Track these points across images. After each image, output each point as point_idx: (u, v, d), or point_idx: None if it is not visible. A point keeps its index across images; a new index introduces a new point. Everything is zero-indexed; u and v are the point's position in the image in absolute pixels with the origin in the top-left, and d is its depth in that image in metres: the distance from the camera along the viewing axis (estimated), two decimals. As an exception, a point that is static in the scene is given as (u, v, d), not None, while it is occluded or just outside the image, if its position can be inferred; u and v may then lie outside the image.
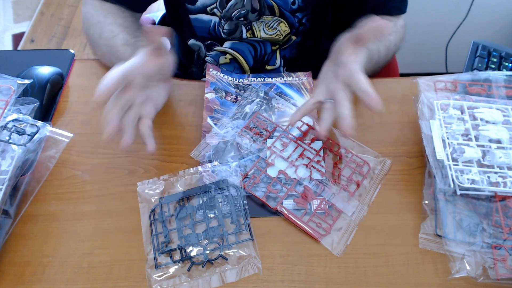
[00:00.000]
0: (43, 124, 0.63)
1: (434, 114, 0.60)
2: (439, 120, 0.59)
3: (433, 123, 0.59)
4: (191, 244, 0.55)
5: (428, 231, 0.56)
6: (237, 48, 0.82)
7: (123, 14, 0.72)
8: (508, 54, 0.80)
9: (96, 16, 0.72)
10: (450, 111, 0.61)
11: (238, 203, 0.58)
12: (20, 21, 2.06)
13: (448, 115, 0.60)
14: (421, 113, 0.61)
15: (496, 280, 0.51)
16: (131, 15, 0.74)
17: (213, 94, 0.70)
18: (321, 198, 0.59)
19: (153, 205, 0.58)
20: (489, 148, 0.58)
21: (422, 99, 0.62)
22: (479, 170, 0.56)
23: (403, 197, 0.60)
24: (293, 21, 0.76)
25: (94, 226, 0.58)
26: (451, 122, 0.60)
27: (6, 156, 0.59)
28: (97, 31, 0.71)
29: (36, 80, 0.68)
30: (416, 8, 1.36)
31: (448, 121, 0.60)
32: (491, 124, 0.60)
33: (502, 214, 0.55)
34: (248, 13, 0.74)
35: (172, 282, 0.52)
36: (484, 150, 0.58)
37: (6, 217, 0.56)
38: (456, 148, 0.57)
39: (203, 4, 0.75)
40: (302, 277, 0.53)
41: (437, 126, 0.59)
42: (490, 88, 0.65)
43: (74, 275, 0.54)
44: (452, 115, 0.60)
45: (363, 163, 0.62)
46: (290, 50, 0.83)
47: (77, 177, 0.63)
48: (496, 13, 1.41)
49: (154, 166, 0.63)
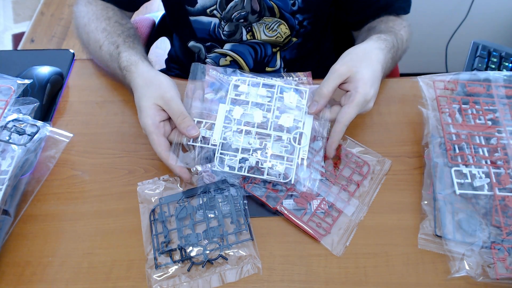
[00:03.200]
0: (43, 124, 0.63)
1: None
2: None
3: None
4: (191, 244, 0.55)
5: (427, 231, 0.56)
6: (237, 50, 0.82)
7: (107, 15, 0.72)
8: (508, 54, 0.80)
9: (82, 18, 0.72)
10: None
11: (238, 203, 0.58)
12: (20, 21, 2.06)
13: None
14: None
15: (496, 280, 0.51)
16: (117, 15, 0.73)
17: (213, 94, 0.69)
18: (321, 198, 0.59)
19: (153, 205, 0.58)
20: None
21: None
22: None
23: (403, 197, 0.60)
24: (293, 22, 0.76)
25: (94, 226, 0.58)
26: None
27: (6, 156, 0.59)
28: (84, 36, 0.72)
29: (36, 80, 0.68)
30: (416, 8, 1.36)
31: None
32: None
33: (501, 214, 0.55)
34: (248, 15, 0.74)
35: (172, 282, 0.52)
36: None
37: (6, 217, 0.56)
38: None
39: (203, 5, 0.74)
40: (302, 277, 0.53)
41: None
42: (489, 88, 0.65)
43: (74, 275, 0.54)
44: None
45: (363, 163, 0.62)
46: (291, 52, 0.83)
47: (77, 177, 0.63)
48: (496, 13, 1.41)
49: (154, 166, 0.63)
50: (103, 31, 0.69)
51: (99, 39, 0.69)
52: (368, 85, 0.58)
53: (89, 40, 0.71)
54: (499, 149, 0.60)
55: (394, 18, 0.74)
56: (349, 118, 0.58)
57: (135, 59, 0.64)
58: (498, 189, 0.56)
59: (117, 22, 0.71)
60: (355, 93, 0.58)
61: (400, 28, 0.72)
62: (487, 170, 0.58)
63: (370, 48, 0.62)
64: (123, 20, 0.73)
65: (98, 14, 0.72)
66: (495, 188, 0.56)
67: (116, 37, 0.69)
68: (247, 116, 0.61)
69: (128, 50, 0.66)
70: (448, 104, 0.64)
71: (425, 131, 0.63)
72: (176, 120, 0.59)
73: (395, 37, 0.68)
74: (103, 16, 0.71)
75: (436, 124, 0.62)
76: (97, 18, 0.71)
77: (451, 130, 0.61)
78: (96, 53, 0.70)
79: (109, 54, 0.67)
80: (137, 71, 0.63)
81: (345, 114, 0.58)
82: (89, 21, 0.71)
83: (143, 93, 0.60)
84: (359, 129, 0.66)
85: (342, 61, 0.60)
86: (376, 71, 0.60)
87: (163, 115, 0.60)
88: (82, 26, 0.72)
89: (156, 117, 0.59)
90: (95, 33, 0.70)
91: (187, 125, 0.58)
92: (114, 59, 0.66)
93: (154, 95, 0.60)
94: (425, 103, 0.64)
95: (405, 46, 0.72)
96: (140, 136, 0.66)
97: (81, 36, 0.73)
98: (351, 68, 0.59)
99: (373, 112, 0.65)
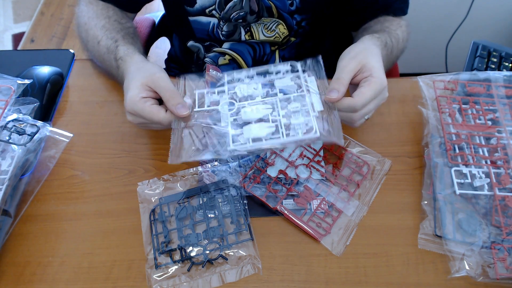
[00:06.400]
0: (43, 124, 0.63)
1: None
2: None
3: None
4: (191, 244, 0.55)
5: (427, 232, 0.56)
6: (236, 49, 0.82)
7: (107, 14, 0.72)
8: (508, 54, 0.80)
9: (82, 17, 0.73)
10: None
11: (238, 203, 0.58)
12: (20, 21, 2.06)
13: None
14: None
15: (496, 280, 0.51)
16: (117, 14, 0.73)
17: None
18: (321, 198, 0.59)
19: (153, 205, 0.58)
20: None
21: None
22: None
23: (403, 197, 0.60)
24: (292, 22, 0.76)
25: (94, 226, 0.58)
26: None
27: (6, 156, 0.59)
28: (84, 34, 0.72)
29: (36, 80, 0.68)
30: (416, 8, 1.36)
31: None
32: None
33: (501, 214, 0.55)
34: (246, 15, 0.74)
35: (172, 282, 0.52)
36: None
37: (6, 217, 0.56)
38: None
39: (202, 6, 0.75)
40: (302, 277, 0.53)
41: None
42: (489, 88, 0.65)
43: (74, 275, 0.54)
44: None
45: (363, 163, 0.62)
46: (290, 51, 0.83)
47: (77, 177, 0.63)
48: (496, 13, 1.41)
49: (154, 166, 0.63)
50: (102, 28, 0.70)
51: (97, 35, 0.69)
52: (382, 72, 0.57)
53: (88, 37, 0.71)
54: (499, 149, 0.60)
55: (391, 19, 0.74)
56: (364, 98, 0.55)
57: (132, 51, 0.64)
58: (498, 189, 0.56)
59: (116, 21, 0.72)
60: (371, 78, 0.56)
61: (396, 28, 0.72)
62: (487, 170, 0.58)
63: (367, 44, 0.62)
64: (123, 19, 0.73)
65: (98, 13, 0.72)
66: (495, 188, 0.56)
67: (115, 33, 0.69)
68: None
69: (126, 44, 0.66)
70: (448, 104, 0.64)
71: (425, 131, 0.63)
72: (165, 96, 0.56)
73: (389, 36, 0.68)
74: (103, 15, 0.72)
75: (436, 124, 0.62)
76: (97, 16, 0.72)
77: (451, 130, 0.61)
78: (94, 49, 0.70)
79: (106, 48, 0.67)
80: (131, 60, 0.63)
81: (361, 94, 0.55)
82: (89, 20, 0.71)
83: (132, 76, 0.59)
84: (359, 129, 0.66)
85: (348, 57, 0.59)
86: (381, 62, 0.60)
87: (150, 94, 0.57)
88: (82, 25, 0.72)
89: (142, 92, 0.56)
90: (94, 30, 0.70)
91: (177, 102, 0.55)
92: (111, 52, 0.66)
93: (143, 76, 0.58)
94: (425, 103, 0.64)
95: (401, 45, 0.72)
96: (140, 136, 0.66)
97: (81, 34, 0.74)
98: (361, 60, 0.57)
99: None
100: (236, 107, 0.56)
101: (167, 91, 0.56)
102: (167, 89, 0.56)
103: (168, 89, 0.56)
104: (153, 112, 0.56)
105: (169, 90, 0.56)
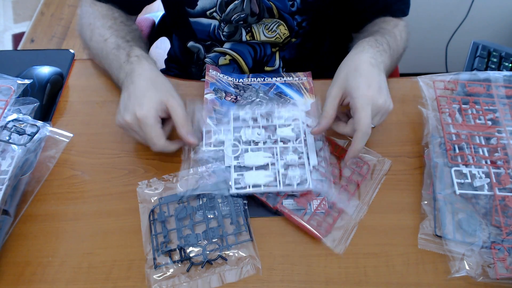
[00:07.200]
0: (43, 124, 0.63)
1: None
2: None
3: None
4: (190, 244, 0.55)
5: (427, 232, 0.56)
6: (236, 49, 0.82)
7: (113, 15, 0.72)
8: (508, 54, 0.80)
9: (87, 18, 0.72)
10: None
11: (237, 204, 0.58)
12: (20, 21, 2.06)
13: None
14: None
15: (496, 280, 0.51)
16: (122, 16, 0.74)
17: (213, 94, 0.70)
18: (321, 198, 0.59)
19: (153, 205, 0.58)
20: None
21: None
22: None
23: (403, 197, 0.60)
24: (292, 23, 0.76)
25: (94, 226, 0.58)
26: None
27: (6, 156, 0.59)
28: (88, 33, 0.72)
29: (36, 80, 0.68)
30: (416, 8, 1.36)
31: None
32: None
33: (501, 214, 0.55)
34: (247, 17, 0.74)
35: (172, 282, 0.52)
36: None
37: (6, 217, 0.56)
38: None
39: (202, 8, 0.75)
40: (302, 277, 0.53)
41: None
42: (489, 88, 0.65)
43: (74, 275, 0.54)
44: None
45: (363, 163, 0.62)
46: (290, 52, 0.83)
47: (77, 177, 0.63)
48: (496, 13, 1.41)
49: (154, 166, 0.63)
50: (109, 28, 0.70)
51: (104, 34, 0.69)
52: (363, 89, 0.57)
53: (93, 36, 0.71)
54: (499, 149, 0.60)
55: (391, 19, 0.74)
56: (364, 123, 0.56)
57: (146, 55, 0.65)
58: (498, 189, 0.56)
59: (122, 22, 0.72)
60: (352, 100, 0.57)
61: (395, 28, 0.72)
62: (487, 170, 0.58)
63: (358, 57, 0.61)
64: (128, 21, 0.74)
65: (104, 13, 0.72)
66: (495, 188, 0.56)
67: (125, 34, 0.70)
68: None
69: (140, 46, 0.68)
70: (448, 104, 0.64)
71: (425, 131, 0.63)
72: (178, 121, 0.59)
73: (389, 37, 0.68)
74: (109, 16, 0.72)
75: (436, 124, 0.62)
76: (103, 17, 0.71)
77: (451, 130, 0.61)
78: (99, 46, 0.70)
79: (116, 44, 0.67)
80: (146, 62, 0.63)
81: (358, 120, 0.56)
82: (95, 20, 0.71)
83: (146, 87, 0.60)
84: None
85: (333, 82, 0.60)
86: (370, 73, 0.59)
87: (163, 115, 0.60)
88: (87, 25, 0.72)
89: (159, 112, 0.59)
90: (101, 29, 0.70)
91: (189, 131, 0.59)
92: (122, 48, 0.66)
93: (160, 94, 0.60)
94: (425, 103, 0.64)
95: (401, 46, 0.72)
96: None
97: (84, 33, 0.73)
98: (341, 84, 0.59)
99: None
100: (240, 150, 0.62)
101: (181, 117, 0.59)
102: (181, 115, 0.59)
103: (182, 116, 0.59)
104: (158, 136, 0.58)
105: (183, 117, 0.59)
